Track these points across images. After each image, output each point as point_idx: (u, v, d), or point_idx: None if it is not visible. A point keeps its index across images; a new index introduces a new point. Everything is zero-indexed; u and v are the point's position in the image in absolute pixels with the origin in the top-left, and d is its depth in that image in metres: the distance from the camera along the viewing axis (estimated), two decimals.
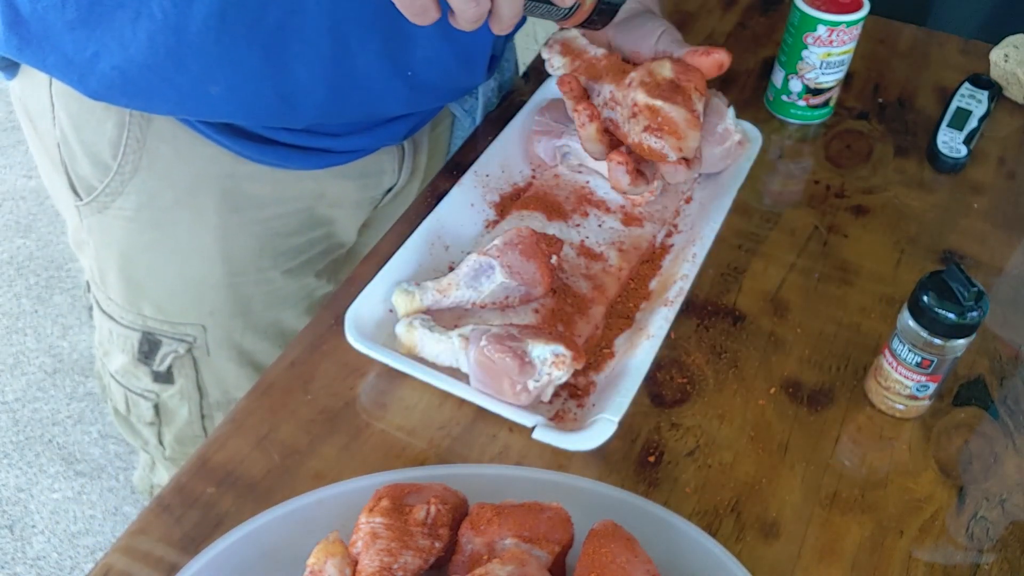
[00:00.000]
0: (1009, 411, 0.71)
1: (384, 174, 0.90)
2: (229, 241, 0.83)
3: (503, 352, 0.63)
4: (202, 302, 0.87)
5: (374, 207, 0.94)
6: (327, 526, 0.54)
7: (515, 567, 0.50)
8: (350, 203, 0.89)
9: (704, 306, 0.77)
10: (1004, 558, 0.62)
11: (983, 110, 0.95)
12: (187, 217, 0.81)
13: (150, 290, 0.86)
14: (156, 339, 0.88)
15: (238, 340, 0.90)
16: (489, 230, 0.80)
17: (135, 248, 0.84)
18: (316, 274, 0.93)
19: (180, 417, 0.95)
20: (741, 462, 0.66)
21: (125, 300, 0.87)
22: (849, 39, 0.90)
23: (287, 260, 0.88)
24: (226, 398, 0.94)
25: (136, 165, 0.78)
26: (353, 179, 0.87)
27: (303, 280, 0.91)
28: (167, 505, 0.62)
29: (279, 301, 0.90)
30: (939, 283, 0.64)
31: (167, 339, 0.88)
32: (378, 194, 0.92)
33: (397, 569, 0.51)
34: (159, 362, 0.90)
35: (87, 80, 0.70)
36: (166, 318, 0.87)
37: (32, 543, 1.57)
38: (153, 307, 0.87)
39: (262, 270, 0.87)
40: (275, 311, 0.91)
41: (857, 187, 0.89)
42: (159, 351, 0.89)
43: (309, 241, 0.89)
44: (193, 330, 0.88)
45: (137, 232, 0.82)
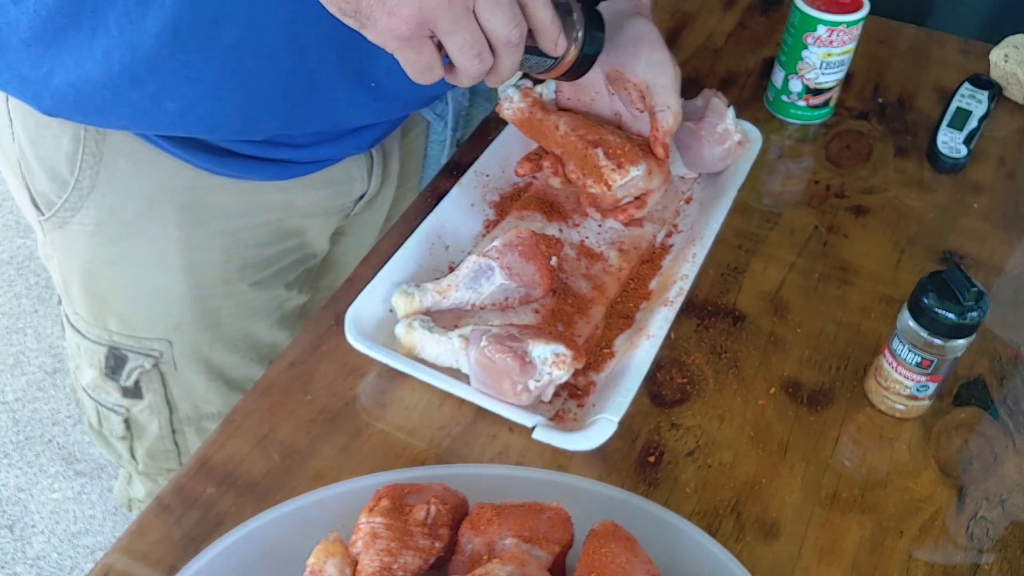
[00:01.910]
0: (1009, 411, 0.71)
1: (353, 182, 0.88)
2: (193, 254, 0.82)
3: (504, 352, 0.63)
4: (167, 316, 0.85)
5: (345, 216, 0.92)
6: (327, 526, 0.54)
7: (515, 567, 0.50)
8: (320, 212, 0.88)
9: (704, 306, 0.77)
10: (1004, 558, 0.62)
11: (983, 110, 0.95)
12: (149, 231, 0.80)
13: (114, 304, 0.85)
14: (122, 354, 0.87)
15: (206, 354, 0.89)
16: (489, 230, 0.80)
17: (97, 262, 0.83)
18: (287, 285, 0.91)
19: (151, 432, 0.93)
20: (741, 462, 0.66)
21: (90, 314, 0.86)
22: (849, 39, 0.90)
23: (256, 272, 0.87)
24: (196, 413, 0.93)
25: (94, 180, 0.77)
26: (321, 188, 0.85)
27: (273, 292, 0.90)
28: (167, 505, 0.62)
29: (248, 313, 0.89)
30: (939, 283, 0.64)
31: (133, 354, 0.87)
32: (348, 202, 0.90)
33: (397, 569, 0.51)
34: (126, 377, 0.89)
35: (41, 97, 0.68)
36: (131, 332, 0.86)
37: (32, 543, 1.57)
38: (118, 321, 0.86)
39: (229, 282, 0.85)
40: (245, 323, 0.89)
41: (857, 187, 0.89)
42: (125, 366, 0.88)
43: (279, 252, 0.87)
44: (159, 344, 0.87)
45: (98, 246, 0.81)
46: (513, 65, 0.61)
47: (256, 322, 0.90)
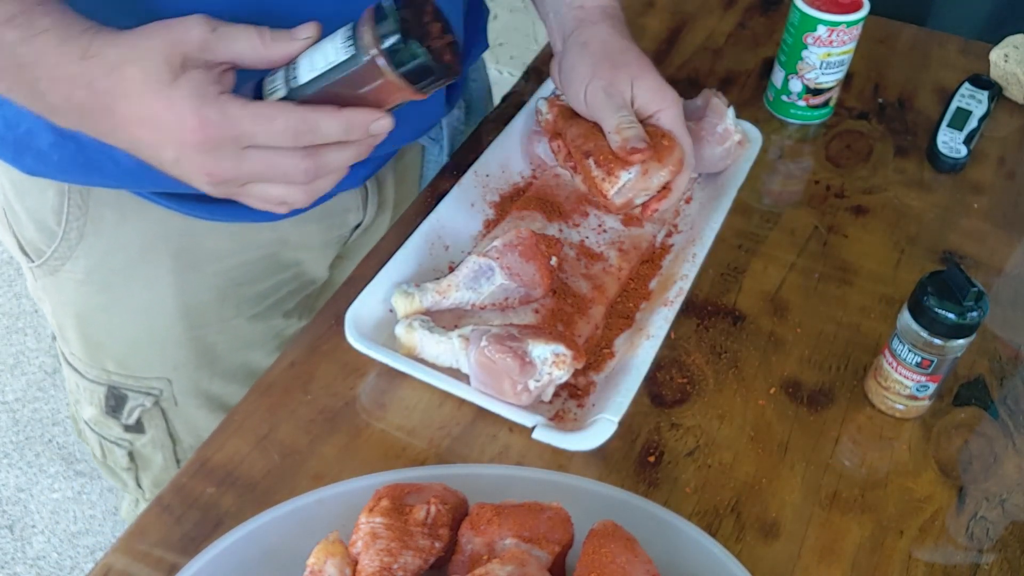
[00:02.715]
0: (1009, 411, 0.71)
1: (349, 212, 0.88)
2: (187, 297, 0.81)
3: (504, 352, 0.63)
4: (165, 357, 0.85)
5: (343, 244, 0.92)
6: (327, 526, 0.54)
7: (515, 567, 0.50)
8: (316, 245, 0.87)
9: (704, 306, 0.77)
10: (1004, 558, 0.62)
11: (983, 110, 0.95)
12: (141, 278, 0.79)
13: (110, 348, 0.84)
14: (122, 393, 0.87)
15: (206, 388, 0.88)
16: (489, 230, 0.80)
17: (90, 309, 0.82)
18: (285, 314, 0.90)
19: (155, 463, 0.93)
20: (741, 462, 0.66)
21: (87, 356, 0.86)
22: (849, 39, 0.90)
23: (252, 306, 0.86)
24: (199, 442, 0.90)
25: (81, 231, 0.76)
26: (315, 223, 0.84)
27: (271, 322, 0.89)
28: (167, 505, 0.62)
29: (246, 345, 0.88)
30: (939, 283, 0.64)
31: (133, 392, 0.86)
32: (345, 232, 0.90)
33: (397, 569, 0.51)
34: (127, 415, 0.88)
35: (23, 157, 0.68)
36: (130, 373, 0.85)
37: (32, 543, 1.57)
38: (115, 363, 0.85)
39: (225, 319, 0.85)
40: (243, 354, 0.88)
41: (857, 187, 0.89)
42: (126, 405, 0.87)
43: (276, 284, 0.87)
44: (158, 383, 0.86)
45: (91, 294, 0.80)
46: (340, 161, 0.58)
47: (254, 352, 0.89)
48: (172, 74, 0.53)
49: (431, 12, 0.55)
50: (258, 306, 0.87)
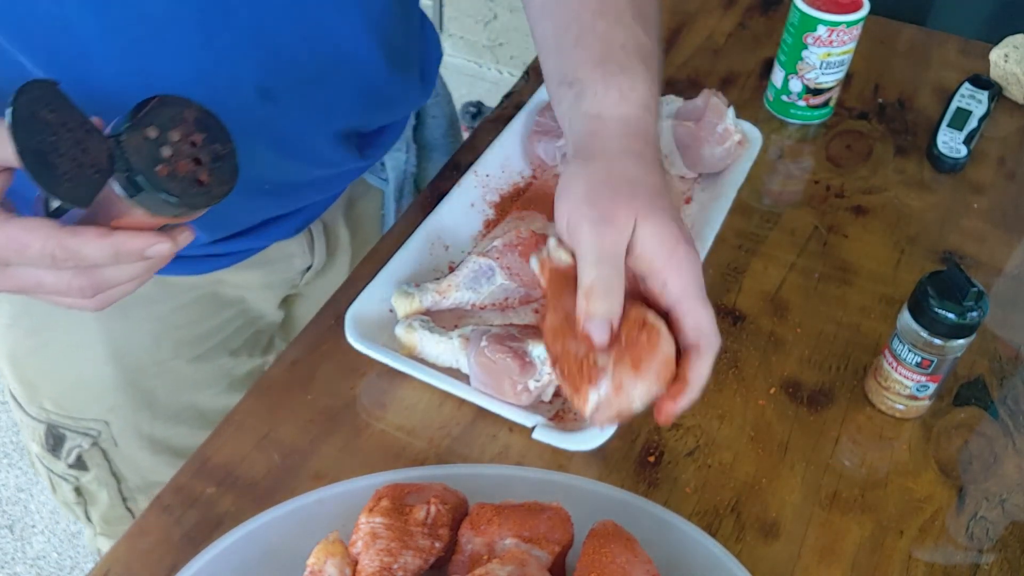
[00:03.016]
0: (1009, 411, 0.71)
1: (293, 258, 0.84)
2: (117, 343, 0.78)
3: (504, 352, 0.63)
4: (100, 399, 0.82)
5: (293, 286, 0.88)
6: (327, 526, 0.54)
7: (515, 567, 0.50)
8: (258, 287, 0.84)
9: None
10: (1004, 558, 0.62)
11: (983, 110, 0.95)
12: (66, 323, 0.77)
13: (45, 389, 0.82)
14: (60, 433, 0.84)
15: (147, 431, 0.85)
16: (489, 230, 0.80)
17: (21, 352, 0.80)
18: (232, 353, 0.87)
19: (102, 500, 0.90)
20: (741, 462, 0.66)
21: (24, 394, 0.84)
22: (849, 39, 0.90)
23: (192, 348, 0.83)
24: (146, 482, 0.89)
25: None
26: (254, 269, 0.81)
27: (216, 362, 0.85)
28: (167, 505, 0.62)
29: (189, 388, 0.85)
30: (939, 283, 0.64)
31: (71, 432, 0.84)
32: (292, 275, 0.86)
33: (397, 569, 0.51)
34: (66, 455, 0.85)
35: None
36: (67, 413, 0.83)
37: (32, 543, 1.57)
38: (52, 403, 0.83)
39: (162, 363, 0.81)
40: (186, 397, 0.85)
41: (857, 187, 0.89)
42: (64, 444, 0.85)
43: (219, 324, 0.83)
44: (96, 424, 0.83)
45: (19, 337, 0.79)
46: (121, 278, 0.52)
47: (199, 393, 0.86)
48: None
49: (192, 120, 0.48)
50: (199, 348, 0.83)
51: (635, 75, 0.61)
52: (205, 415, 0.87)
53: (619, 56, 0.61)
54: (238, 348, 0.87)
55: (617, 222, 0.55)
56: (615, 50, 0.62)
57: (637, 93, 0.60)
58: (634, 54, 0.62)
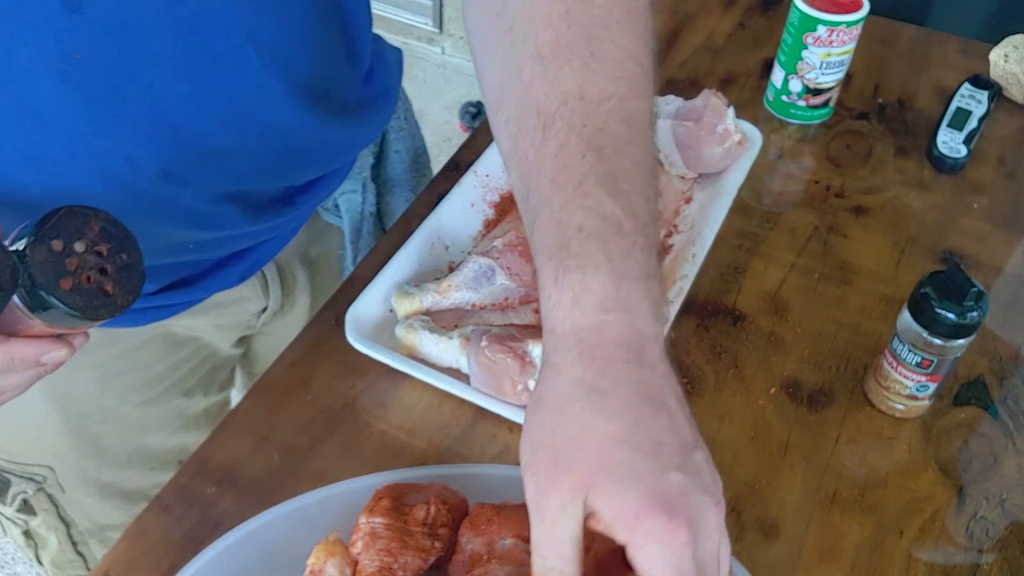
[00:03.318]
0: (1009, 411, 0.71)
1: (247, 301, 0.80)
2: (59, 391, 0.74)
3: (504, 352, 0.63)
4: (43, 445, 0.79)
5: (250, 327, 0.84)
6: (327, 526, 0.54)
7: (514, 567, 0.50)
8: (210, 329, 0.80)
9: (704, 306, 0.77)
10: (1004, 558, 0.62)
11: (983, 110, 0.95)
12: None
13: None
14: (4, 478, 0.80)
15: (94, 477, 0.81)
16: (489, 230, 0.80)
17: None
18: (185, 393, 0.83)
19: (51, 544, 0.86)
20: (741, 462, 0.66)
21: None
22: (849, 39, 0.90)
23: (141, 393, 0.79)
24: (96, 526, 0.86)
25: None
26: (204, 314, 0.77)
27: (167, 404, 0.82)
28: (167, 505, 0.62)
29: (138, 431, 0.81)
30: (939, 283, 0.64)
31: (15, 477, 0.80)
32: (246, 317, 0.82)
33: (397, 569, 0.51)
34: (11, 500, 0.82)
35: None
36: (10, 458, 0.79)
37: None
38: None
39: (107, 409, 0.78)
40: (135, 441, 0.81)
41: (857, 187, 0.89)
42: (8, 490, 0.81)
43: (170, 366, 0.79)
44: (40, 470, 0.80)
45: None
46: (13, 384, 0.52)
47: (150, 436, 0.82)
48: None
49: (97, 230, 0.47)
50: (149, 392, 0.80)
51: (594, 266, 0.45)
52: (157, 455, 0.84)
53: (574, 244, 0.46)
54: (192, 387, 0.84)
55: (557, 498, 0.42)
56: (571, 234, 0.46)
57: (593, 295, 0.44)
58: (594, 234, 0.45)
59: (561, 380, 0.44)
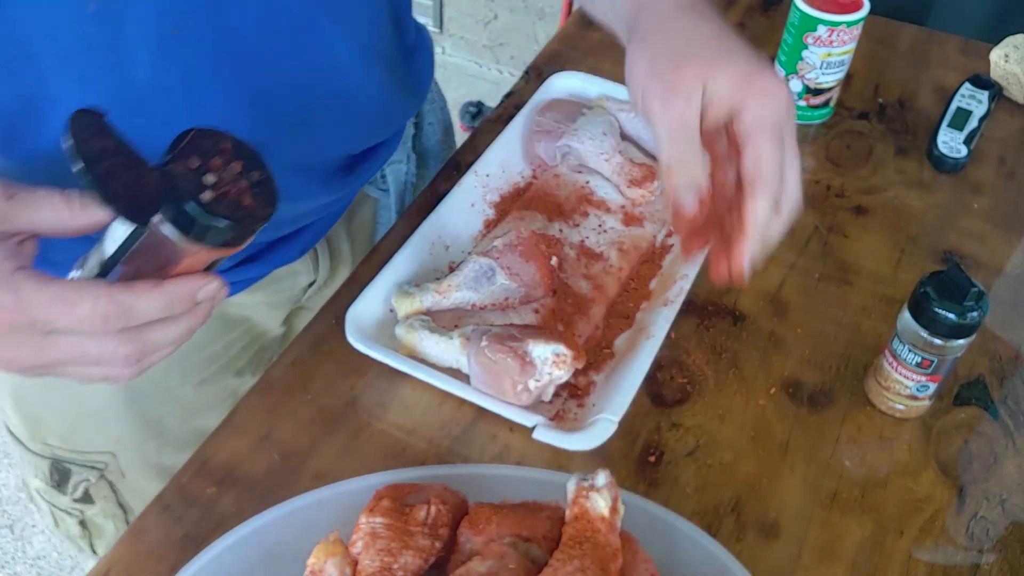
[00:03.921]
0: (1009, 411, 0.71)
1: (298, 276, 0.84)
2: None
3: (504, 352, 0.63)
4: (106, 432, 0.81)
5: (296, 303, 0.88)
6: (327, 526, 0.54)
7: (495, 561, 0.50)
8: (263, 307, 0.83)
9: (704, 306, 0.77)
10: (1004, 558, 0.62)
11: (983, 110, 0.95)
12: None
13: (49, 424, 0.81)
14: (65, 468, 0.83)
15: (155, 460, 0.84)
16: (489, 230, 0.80)
17: (25, 388, 0.79)
18: (237, 372, 0.86)
19: (108, 531, 0.89)
20: (741, 462, 0.66)
21: (27, 430, 0.82)
22: (849, 39, 0.90)
23: (199, 372, 0.82)
24: None
25: None
26: (260, 290, 0.80)
27: (222, 384, 0.85)
28: (167, 505, 0.62)
29: (196, 412, 0.84)
30: (939, 283, 0.64)
31: (76, 467, 0.83)
32: (296, 293, 0.86)
33: (397, 569, 0.51)
34: (72, 489, 0.84)
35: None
36: (72, 448, 0.82)
37: (32, 543, 1.57)
38: (57, 437, 0.82)
39: (169, 390, 0.80)
40: (193, 422, 0.84)
41: (857, 187, 0.89)
42: (70, 479, 0.83)
43: (225, 345, 0.83)
44: (103, 457, 0.82)
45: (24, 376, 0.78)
46: (169, 338, 0.51)
47: (205, 416, 0.83)
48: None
49: (229, 149, 0.48)
50: (206, 371, 0.83)
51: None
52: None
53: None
54: (243, 367, 0.87)
55: (682, 90, 0.54)
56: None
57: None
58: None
59: (659, 11, 0.58)
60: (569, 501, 0.53)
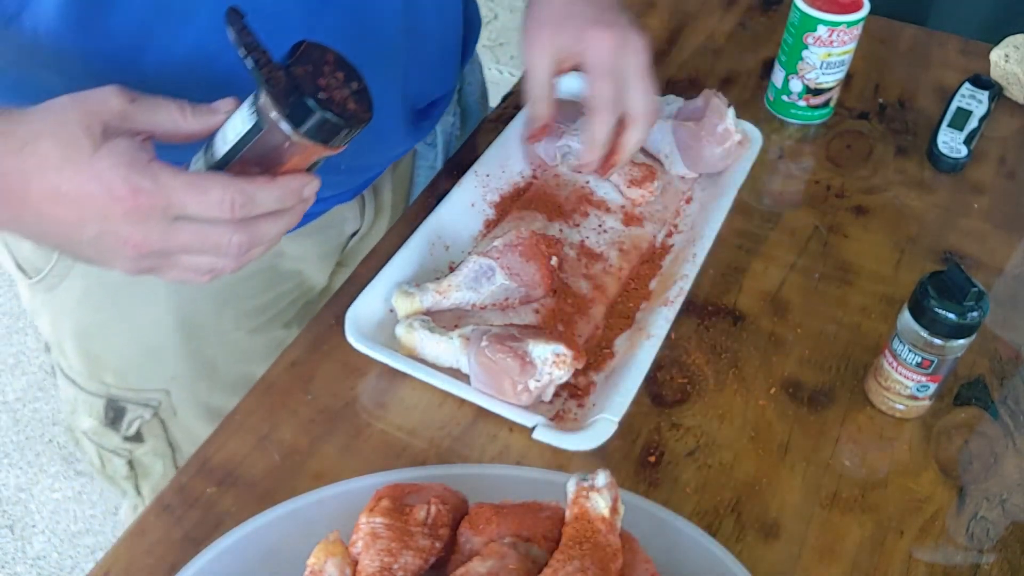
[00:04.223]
0: (1009, 411, 0.71)
1: (346, 223, 0.88)
2: (184, 311, 0.81)
3: (504, 352, 0.63)
4: (163, 369, 0.84)
5: (341, 252, 0.92)
6: (327, 526, 0.54)
7: (495, 561, 0.50)
8: (313, 257, 0.87)
9: (704, 306, 0.77)
10: (1004, 558, 0.62)
11: (983, 110, 0.95)
12: (138, 294, 0.79)
13: (109, 362, 0.84)
14: (120, 405, 0.86)
15: (205, 400, 0.88)
16: (489, 230, 0.80)
17: (88, 325, 0.82)
18: (285, 324, 0.90)
19: (155, 471, 0.93)
20: (741, 462, 0.66)
21: (85, 369, 0.85)
22: (849, 39, 0.90)
23: (251, 319, 0.86)
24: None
25: None
26: (312, 236, 0.84)
27: (271, 334, 0.88)
28: (167, 505, 0.62)
29: (246, 358, 0.87)
30: (939, 283, 0.64)
31: (132, 404, 0.86)
32: (343, 240, 0.90)
33: (397, 569, 0.51)
34: (126, 427, 0.88)
35: None
36: (129, 385, 0.85)
37: (32, 543, 1.57)
38: (114, 375, 0.85)
39: (223, 333, 0.84)
40: (243, 367, 0.87)
41: (857, 187, 0.89)
42: (125, 416, 0.87)
43: (275, 296, 0.86)
44: (157, 395, 0.86)
45: (89, 311, 0.80)
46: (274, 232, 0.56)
47: (255, 364, 0.86)
48: (93, 144, 0.50)
49: (332, 61, 0.54)
50: (257, 319, 0.86)
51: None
52: None
53: None
54: (290, 320, 0.90)
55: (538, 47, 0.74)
56: None
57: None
58: None
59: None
60: (569, 501, 0.53)
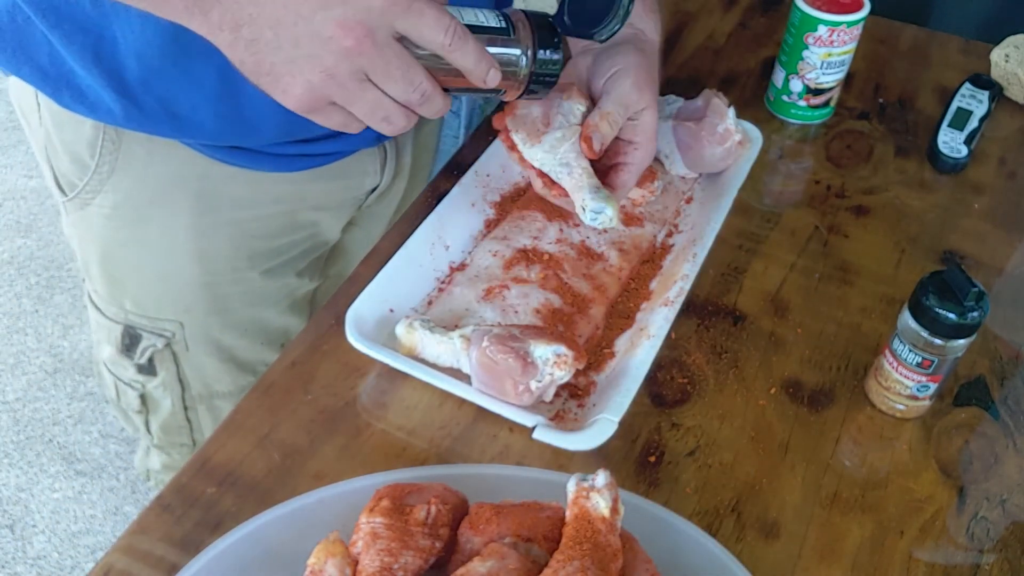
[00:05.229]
0: (1009, 411, 0.71)
1: (366, 175, 0.90)
2: (203, 241, 0.84)
3: (505, 353, 0.63)
4: (178, 299, 0.88)
5: (357, 207, 0.94)
6: (327, 526, 0.54)
7: (495, 561, 0.50)
8: (331, 205, 0.90)
9: (704, 306, 0.77)
10: (1004, 558, 0.62)
11: (984, 110, 0.95)
12: (162, 216, 0.82)
13: (129, 285, 0.88)
14: (136, 333, 0.90)
15: (216, 337, 0.91)
16: (489, 230, 0.80)
17: (113, 244, 0.85)
18: (297, 273, 0.93)
19: (164, 408, 0.96)
20: (741, 462, 0.66)
21: (107, 293, 0.89)
22: (850, 39, 0.90)
23: (266, 261, 0.89)
24: (208, 391, 0.96)
25: (113, 165, 0.79)
26: (333, 181, 0.87)
27: (284, 280, 0.92)
28: (167, 505, 0.62)
29: (258, 300, 0.91)
30: (940, 283, 0.64)
31: (146, 333, 0.90)
32: (361, 194, 0.92)
33: (397, 569, 0.51)
34: (140, 355, 0.92)
35: (61, 94, 0.71)
36: (144, 313, 0.89)
37: (33, 543, 1.57)
38: (132, 302, 0.88)
39: (239, 270, 0.87)
40: (254, 309, 0.91)
41: (857, 187, 0.89)
42: (139, 344, 0.91)
43: (290, 243, 0.89)
44: (171, 326, 0.89)
45: (115, 229, 0.83)
46: (435, 112, 0.61)
47: (266, 309, 0.92)
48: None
49: (558, 32, 0.64)
50: (272, 262, 0.89)
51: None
52: (267, 332, 0.94)
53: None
54: (302, 270, 0.93)
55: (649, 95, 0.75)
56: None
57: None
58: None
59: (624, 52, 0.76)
60: (569, 501, 0.53)
